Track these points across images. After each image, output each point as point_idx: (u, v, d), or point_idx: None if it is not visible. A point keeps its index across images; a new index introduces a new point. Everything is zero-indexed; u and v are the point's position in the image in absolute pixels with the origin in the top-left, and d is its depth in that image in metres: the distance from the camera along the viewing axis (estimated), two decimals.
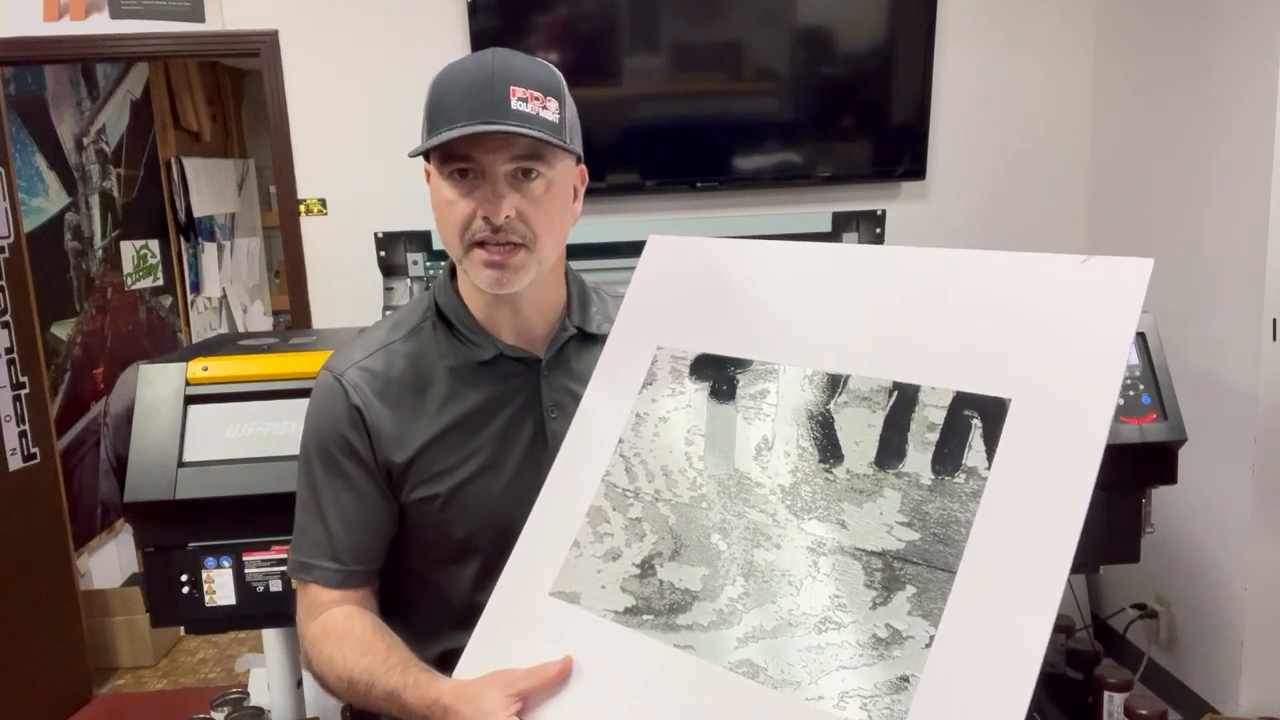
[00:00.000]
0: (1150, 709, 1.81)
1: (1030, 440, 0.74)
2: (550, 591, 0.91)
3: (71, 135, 3.36)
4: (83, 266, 3.42)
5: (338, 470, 1.03)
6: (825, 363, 0.88)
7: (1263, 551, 2.15)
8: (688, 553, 0.86)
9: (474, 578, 1.04)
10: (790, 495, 0.84)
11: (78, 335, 3.34)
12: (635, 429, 0.96)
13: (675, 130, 2.63)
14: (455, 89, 0.95)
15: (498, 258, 0.96)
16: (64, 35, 2.54)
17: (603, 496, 0.94)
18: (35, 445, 2.68)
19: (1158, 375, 1.61)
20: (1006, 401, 0.76)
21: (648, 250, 1.08)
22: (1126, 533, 1.62)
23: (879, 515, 0.78)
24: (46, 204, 3.20)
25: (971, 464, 0.75)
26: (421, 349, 1.05)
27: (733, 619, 0.80)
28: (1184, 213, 2.36)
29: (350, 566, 1.03)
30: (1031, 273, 0.82)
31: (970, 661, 0.68)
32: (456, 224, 0.97)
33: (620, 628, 0.86)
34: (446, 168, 0.96)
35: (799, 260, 0.97)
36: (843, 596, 0.76)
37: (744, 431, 0.89)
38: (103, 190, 3.56)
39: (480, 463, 1.03)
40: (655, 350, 0.99)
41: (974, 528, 0.73)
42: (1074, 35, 2.73)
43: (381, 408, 1.02)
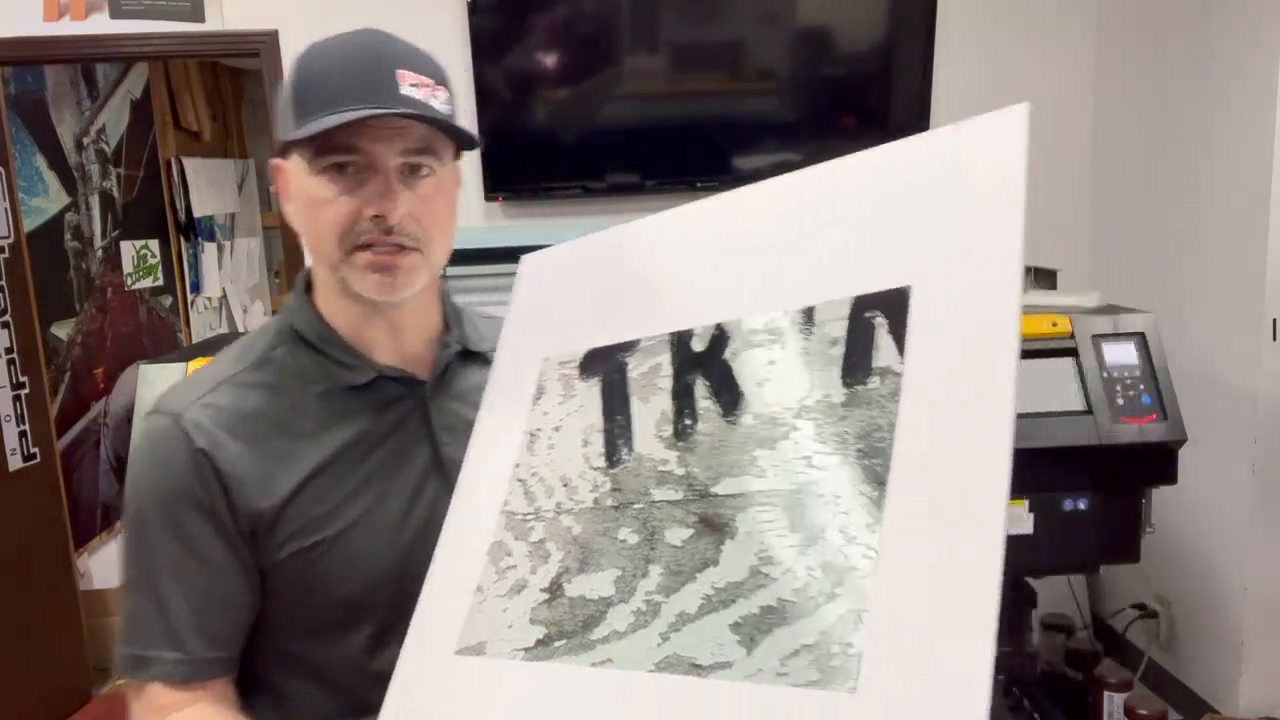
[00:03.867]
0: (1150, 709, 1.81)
1: (940, 322, 0.66)
2: (456, 650, 0.80)
3: (71, 135, 3.36)
4: (83, 266, 3.42)
5: (180, 535, 0.84)
6: (713, 315, 0.80)
7: (1263, 551, 2.15)
8: (596, 559, 0.77)
9: (367, 645, 0.88)
10: (698, 461, 0.75)
11: (78, 335, 3.34)
12: (530, 448, 0.87)
13: (675, 130, 2.63)
14: (333, 69, 0.83)
15: (386, 259, 0.84)
16: (64, 35, 2.54)
17: (503, 529, 0.84)
18: (35, 445, 2.68)
19: (1158, 375, 1.61)
20: (907, 290, 0.68)
21: (520, 273, 1.02)
22: (1126, 533, 1.62)
23: (795, 450, 0.69)
24: (46, 204, 3.20)
25: (883, 363, 0.67)
26: (279, 378, 0.90)
27: (650, 615, 0.71)
28: (1184, 213, 2.36)
29: (200, 655, 0.84)
30: (904, 157, 0.75)
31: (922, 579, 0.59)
32: (335, 225, 0.83)
33: (532, 665, 0.75)
34: (323, 160, 0.82)
35: (665, 227, 0.91)
36: (769, 549, 0.66)
37: (641, 413, 0.81)
38: (103, 190, 3.56)
39: (368, 501, 0.88)
40: (542, 363, 0.92)
41: (898, 429, 0.64)
42: (1074, 35, 2.73)
43: (237, 447, 0.85)
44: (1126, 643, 2.46)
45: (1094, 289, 1.88)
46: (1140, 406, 1.58)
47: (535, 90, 2.58)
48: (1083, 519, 1.62)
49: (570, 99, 2.59)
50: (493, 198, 2.61)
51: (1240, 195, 2.16)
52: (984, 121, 0.70)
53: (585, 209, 2.67)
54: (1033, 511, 1.61)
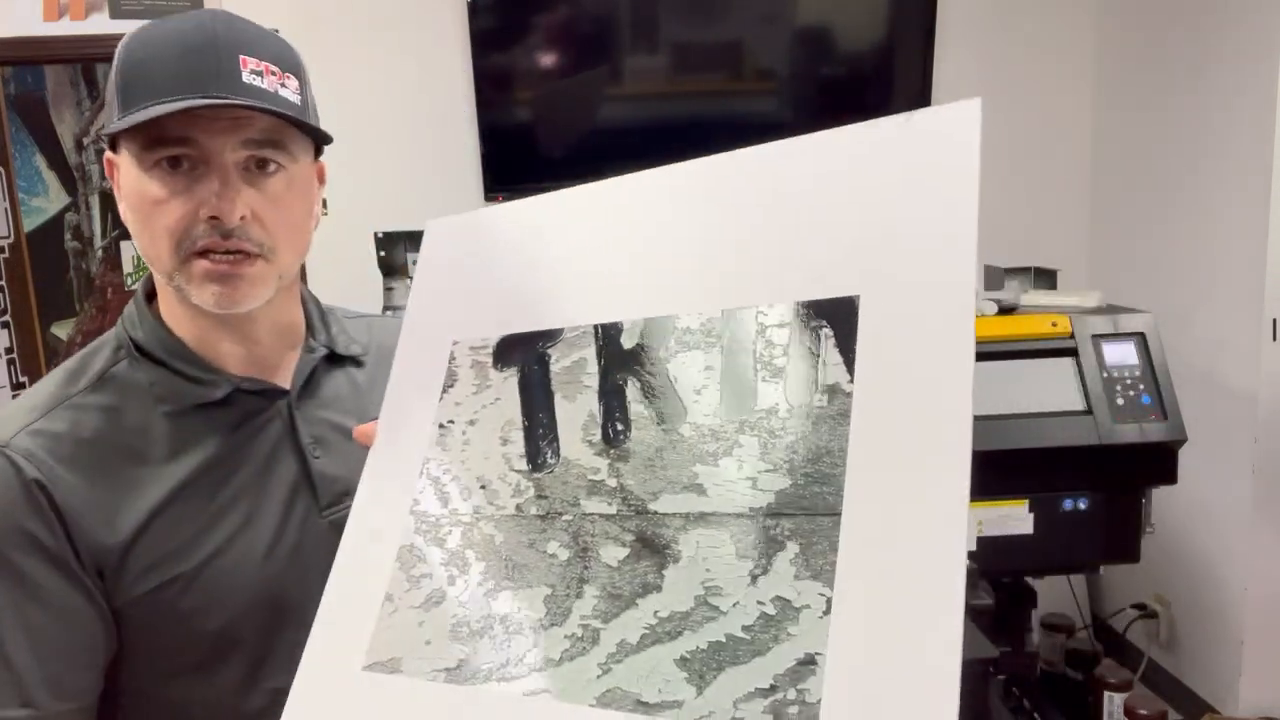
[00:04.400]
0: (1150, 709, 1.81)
1: (891, 336, 0.61)
2: (365, 665, 0.73)
3: (71, 135, 3.36)
4: (83, 266, 3.42)
5: (16, 579, 0.74)
6: (643, 309, 0.74)
7: (1263, 551, 2.15)
8: (523, 574, 0.70)
9: (239, 682, 0.81)
10: (633, 473, 0.69)
11: (78, 335, 3.34)
12: (440, 443, 0.80)
13: (675, 130, 2.63)
14: (163, 53, 0.74)
15: (225, 268, 0.76)
16: (64, 35, 2.54)
17: (413, 532, 0.77)
18: None
19: (1158, 375, 1.61)
20: (855, 300, 0.64)
21: (426, 239, 0.92)
22: (1126, 533, 1.62)
23: (739, 469, 0.64)
24: (46, 204, 3.20)
25: (831, 381, 0.63)
26: (120, 398, 0.81)
27: (589, 642, 0.65)
28: (1184, 212, 2.36)
29: (50, 709, 0.75)
30: (851, 149, 0.69)
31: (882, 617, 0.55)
32: (168, 229, 0.75)
33: (454, 687, 0.69)
34: (153, 155, 0.74)
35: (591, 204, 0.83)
36: (715, 578, 0.62)
37: (566, 413, 0.75)
38: (103, 190, 3.56)
39: (233, 525, 0.80)
40: (451, 347, 0.84)
41: (850, 454, 0.60)
42: (1074, 35, 2.73)
43: (74, 479, 0.76)
44: (1126, 643, 2.46)
45: (1094, 289, 1.88)
46: (1140, 406, 1.58)
47: (535, 90, 2.58)
48: (1083, 519, 1.62)
49: (570, 98, 2.59)
50: (492, 197, 2.61)
51: (1240, 195, 2.16)
52: (936, 116, 0.65)
53: None
54: (1033, 511, 1.61)
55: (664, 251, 0.76)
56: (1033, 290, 1.98)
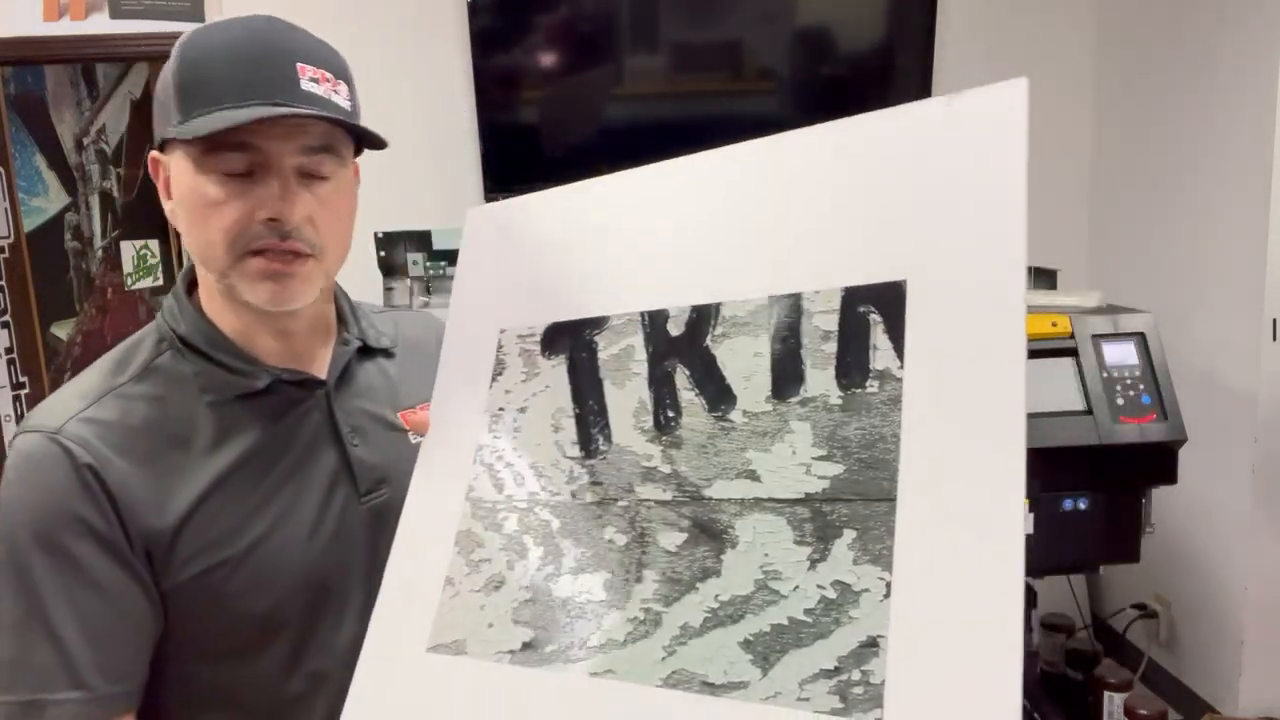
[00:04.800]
0: (1150, 709, 1.81)
1: (940, 321, 0.61)
2: (429, 647, 0.75)
3: (71, 135, 3.36)
4: (83, 266, 3.42)
5: (68, 562, 0.76)
6: (689, 296, 0.74)
7: (1263, 552, 2.15)
8: (580, 559, 0.72)
9: (283, 664, 0.83)
10: (685, 459, 0.70)
11: (78, 335, 3.34)
12: (493, 430, 0.81)
13: (675, 130, 2.63)
14: (224, 59, 0.76)
15: (280, 266, 0.79)
16: (64, 35, 2.54)
17: (470, 518, 0.79)
18: None
19: (1158, 375, 1.61)
20: (902, 284, 0.64)
21: (467, 227, 0.93)
22: (1126, 533, 1.62)
23: (792, 455, 0.65)
24: (46, 204, 3.20)
25: (881, 366, 0.63)
26: (165, 388, 0.83)
27: (651, 625, 0.66)
28: (1184, 213, 2.36)
29: (103, 691, 0.76)
30: (894, 132, 0.68)
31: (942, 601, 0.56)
32: (225, 230, 0.78)
33: (520, 669, 0.70)
34: (213, 159, 0.77)
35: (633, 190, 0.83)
36: (774, 562, 0.63)
37: (616, 400, 0.76)
38: (103, 190, 3.56)
39: (277, 511, 0.83)
40: (498, 335, 0.85)
41: (903, 439, 0.60)
42: (1074, 35, 2.73)
43: (125, 465, 0.78)
44: (1126, 643, 2.46)
45: (1094, 289, 1.88)
46: (1140, 406, 1.58)
47: (535, 90, 2.58)
48: (1083, 519, 1.62)
49: (570, 99, 2.59)
50: (492, 197, 2.61)
51: (1240, 195, 2.16)
52: (981, 96, 0.65)
53: None
54: (1033, 511, 1.61)
55: (709, 237, 0.76)
56: (1032, 290, 1.98)
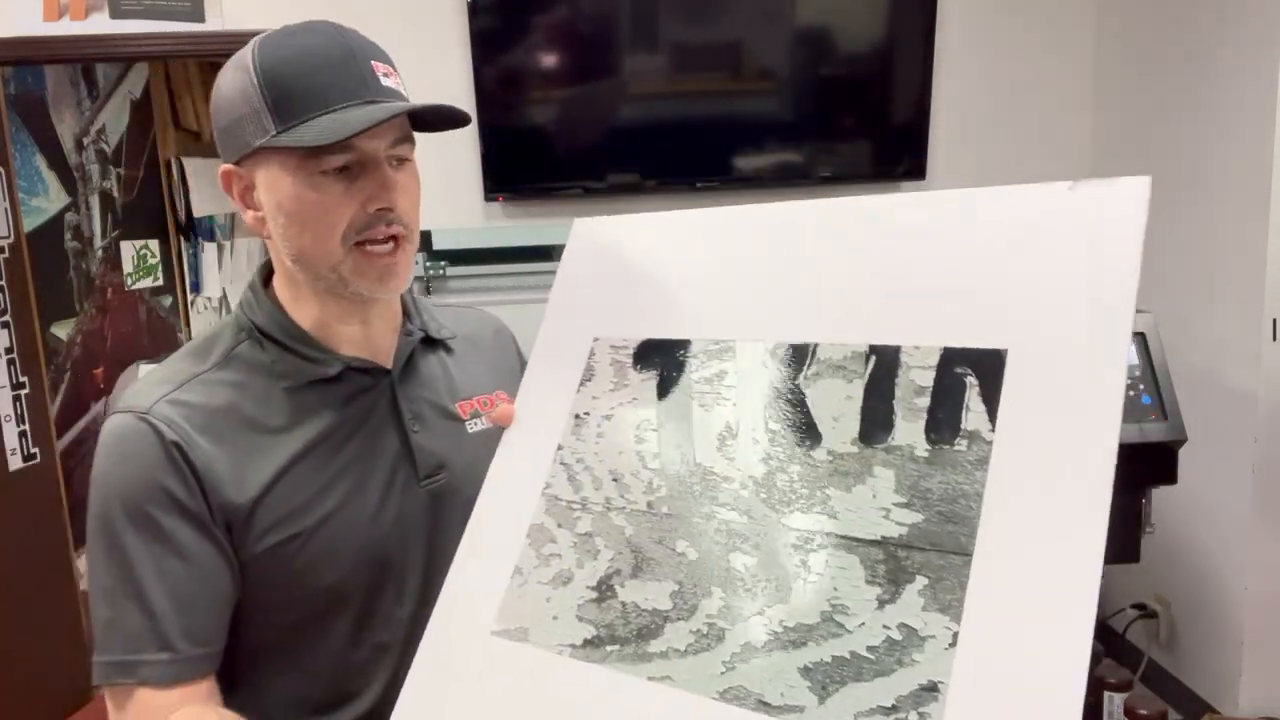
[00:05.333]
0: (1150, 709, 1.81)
1: (1037, 393, 0.63)
2: (493, 630, 0.78)
3: (71, 135, 3.36)
4: (83, 266, 3.42)
5: (157, 532, 0.82)
6: (787, 333, 0.76)
7: (1263, 551, 2.15)
8: (651, 567, 0.74)
9: (348, 634, 0.88)
10: (765, 487, 0.72)
11: (78, 335, 3.34)
12: (575, 432, 0.84)
13: (675, 130, 2.63)
14: (309, 66, 0.81)
15: (389, 258, 0.85)
16: (64, 35, 2.54)
17: (544, 513, 0.81)
18: (35, 445, 2.67)
19: (1158, 375, 1.61)
20: (1003, 353, 0.65)
21: (573, 236, 0.96)
22: (1126, 533, 1.62)
23: (872, 498, 0.67)
24: (46, 204, 3.20)
25: (972, 427, 0.65)
26: (244, 375, 0.89)
27: (714, 639, 0.68)
28: (1184, 212, 2.36)
29: (189, 652, 0.82)
30: (1014, 206, 0.71)
31: (1006, 657, 0.57)
32: (337, 225, 0.83)
33: (581, 664, 0.72)
34: (320, 163, 0.81)
35: (744, 223, 0.85)
36: (842, 597, 0.65)
37: (702, 421, 0.78)
38: (103, 190, 3.56)
39: (345, 490, 0.88)
40: (592, 343, 0.87)
41: (985, 499, 0.62)
42: (1074, 35, 2.73)
43: (207, 444, 0.84)
44: (1126, 643, 2.46)
45: None
46: (1140, 406, 1.58)
47: (535, 90, 2.58)
48: None
49: (570, 99, 2.59)
50: (493, 198, 2.61)
51: (1240, 195, 2.16)
52: (1105, 185, 0.67)
53: (585, 209, 2.67)
54: None
55: (814, 279, 0.78)
56: None
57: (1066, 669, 0.55)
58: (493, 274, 2.65)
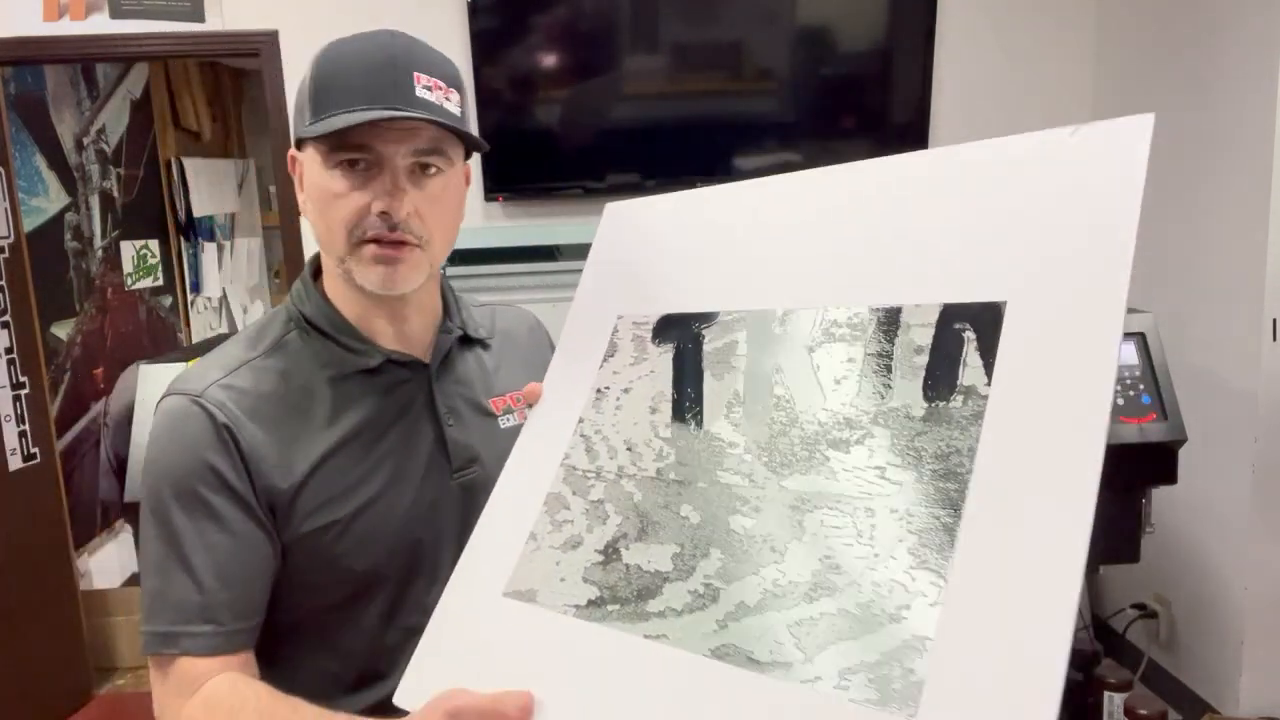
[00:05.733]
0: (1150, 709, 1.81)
1: (1034, 345, 0.63)
2: (504, 592, 0.81)
3: (71, 135, 3.36)
4: (83, 266, 3.42)
5: (205, 510, 0.86)
6: (794, 300, 0.78)
7: (1263, 551, 2.15)
8: (656, 530, 0.76)
9: (381, 616, 0.92)
10: (767, 451, 0.73)
11: (78, 335, 3.35)
12: (596, 405, 0.87)
13: (675, 130, 2.63)
14: (350, 68, 0.86)
15: (390, 252, 0.88)
16: (64, 35, 2.54)
17: (561, 482, 0.85)
18: (35, 445, 2.68)
19: (1158, 375, 1.61)
20: (1001, 305, 0.65)
21: (603, 220, 0.99)
22: (1126, 533, 1.62)
23: (868, 459, 0.67)
24: (46, 204, 3.20)
25: (968, 382, 0.65)
26: (293, 363, 0.93)
27: (709, 599, 0.70)
28: (1184, 212, 2.36)
29: (231, 626, 0.86)
30: (1013, 156, 0.71)
31: (991, 614, 0.57)
32: (345, 219, 0.87)
33: (582, 623, 0.75)
34: (335, 156, 0.86)
35: (755, 197, 0.87)
36: (834, 557, 0.65)
37: (713, 390, 0.80)
38: (103, 190, 3.56)
39: (384, 479, 0.91)
40: (615, 320, 0.91)
41: (979, 455, 0.62)
42: (1074, 35, 2.73)
43: (255, 428, 0.88)
44: (1126, 643, 2.46)
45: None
46: (1140, 406, 1.58)
47: (535, 90, 2.58)
48: None
49: (570, 99, 2.59)
50: (493, 198, 2.61)
51: (1240, 195, 2.16)
52: (1105, 127, 0.66)
53: (585, 209, 2.67)
54: None
55: (819, 245, 0.80)
56: None
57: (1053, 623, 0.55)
58: (493, 274, 2.65)
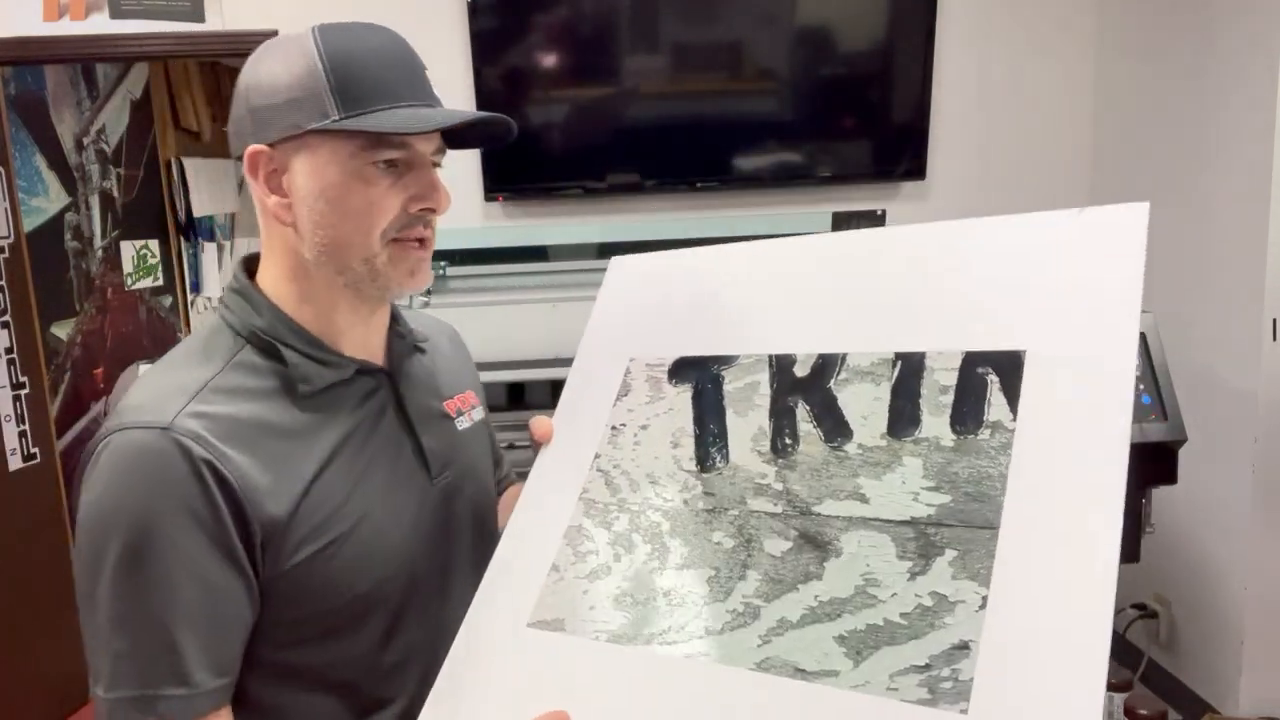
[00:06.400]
0: (1150, 709, 1.81)
1: (1055, 388, 0.69)
2: (529, 622, 0.80)
3: (71, 135, 3.36)
4: (83, 266, 3.42)
5: (182, 558, 0.76)
6: (818, 345, 0.82)
7: (1263, 551, 2.15)
8: (687, 557, 0.78)
9: (381, 637, 0.87)
10: (798, 480, 0.77)
11: (78, 335, 3.35)
12: (612, 441, 0.89)
13: (675, 130, 2.63)
14: (376, 62, 0.82)
15: (423, 251, 0.87)
16: (64, 35, 2.54)
17: (582, 515, 0.85)
18: (35, 445, 2.67)
19: (1158, 375, 1.61)
20: (1021, 354, 0.72)
21: (610, 270, 1.03)
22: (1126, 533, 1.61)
23: (901, 484, 0.72)
24: (46, 204, 3.20)
25: (995, 418, 0.70)
26: (259, 380, 0.85)
27: (750, 617, 0.72)
28: (1184, 212, 2.36)
29: (208, 686, 0.78)
30: (1024, 230, 0.78)
31: (1033, 618, 0.61)
32: (376, 220, 0.83)
33: (617, 647, 0.75)
34: (376, 154, 0.82)
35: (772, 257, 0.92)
36: (875, 572, 0.69)
37: (737, 425, 0.83)
38: (103, 190, 3.56)
39: (373, 492, 0.87)
40: (628, 362, 0.93)
41: (1010, 480, 0.67)
42: (1074, 35, 2.73)
43: (240, 457, 0.79)
44: (1126, 643, 2.46)
45: None
46: (1140, 406, 1.58)
47: (535, 90, 2.58)
48: None
49: (570, 99, 2.59)
50: (493, 198, 2.61)
51: (1240, 195, 2.16)
52: (1107, 211, 0.75)
53: (585, 209, 2.67)
54: None
55: (840, 299, 0.84)
56: None
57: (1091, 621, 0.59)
58: (493, 274, 2.65)
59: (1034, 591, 0.62)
